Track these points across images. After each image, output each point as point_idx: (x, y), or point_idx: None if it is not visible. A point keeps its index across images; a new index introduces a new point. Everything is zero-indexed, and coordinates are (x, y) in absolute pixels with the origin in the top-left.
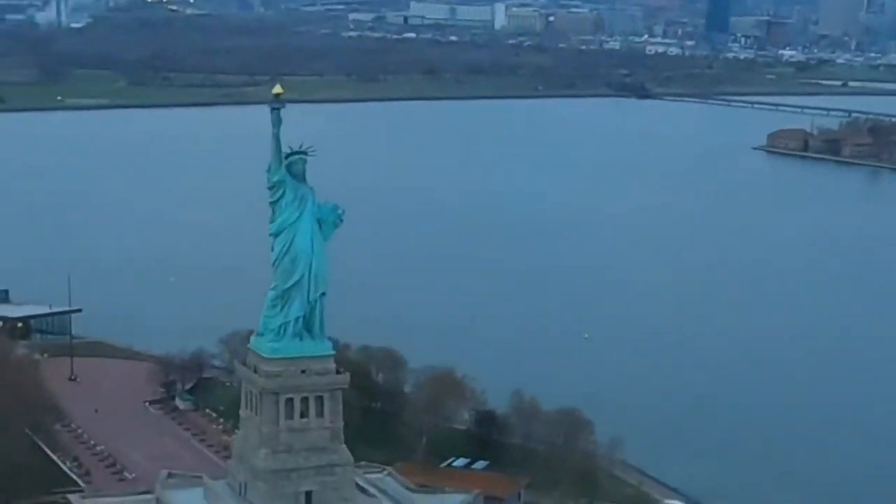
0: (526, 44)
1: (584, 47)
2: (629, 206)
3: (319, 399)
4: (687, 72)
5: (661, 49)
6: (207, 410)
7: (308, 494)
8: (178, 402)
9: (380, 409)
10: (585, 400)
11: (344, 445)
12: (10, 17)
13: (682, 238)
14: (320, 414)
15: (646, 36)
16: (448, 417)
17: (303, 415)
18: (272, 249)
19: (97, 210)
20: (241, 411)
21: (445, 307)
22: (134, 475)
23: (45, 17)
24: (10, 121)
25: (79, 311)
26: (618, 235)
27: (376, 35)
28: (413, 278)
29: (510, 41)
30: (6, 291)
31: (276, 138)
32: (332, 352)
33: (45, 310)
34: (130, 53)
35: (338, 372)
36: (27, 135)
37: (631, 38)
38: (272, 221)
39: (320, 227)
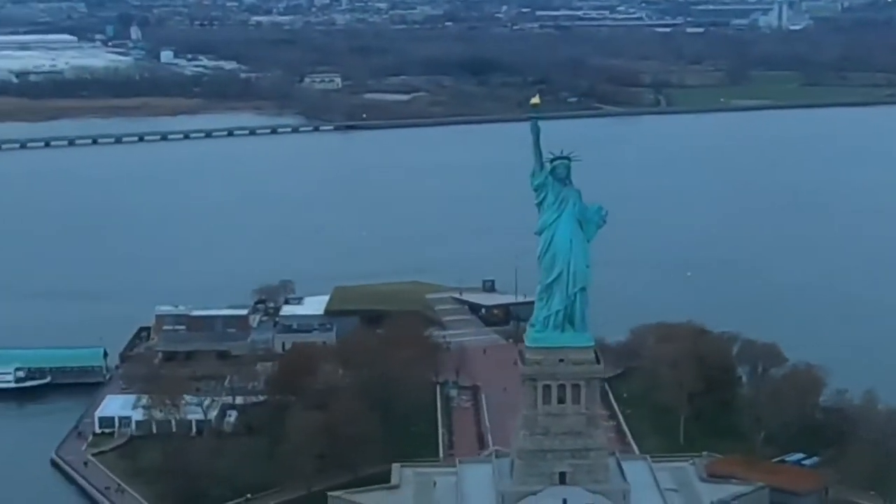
0: None
1: None
2: None
3: (576, 387)
4: None
5: None
6: (624, 396)
7: (562, 475)
8: None
9: (740, 400)
10: None
11: (600, 430)
12: (735, 21)
13: None
14: (576, 400)
15: None
16: (802, 411)
17: (560, 400)
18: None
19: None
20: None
21: None
22: (492, 449)
23: (766, 20)
24: (662, 122)
25: None
26: None
27: None
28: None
29: None
30: (493, 281)
31: (536, 146)
32: (592, 343)
33: (521, 299)
34: (822, 55)
35: (597, 362)
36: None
37: None
38: (538, 221)
39: (582, 226)
